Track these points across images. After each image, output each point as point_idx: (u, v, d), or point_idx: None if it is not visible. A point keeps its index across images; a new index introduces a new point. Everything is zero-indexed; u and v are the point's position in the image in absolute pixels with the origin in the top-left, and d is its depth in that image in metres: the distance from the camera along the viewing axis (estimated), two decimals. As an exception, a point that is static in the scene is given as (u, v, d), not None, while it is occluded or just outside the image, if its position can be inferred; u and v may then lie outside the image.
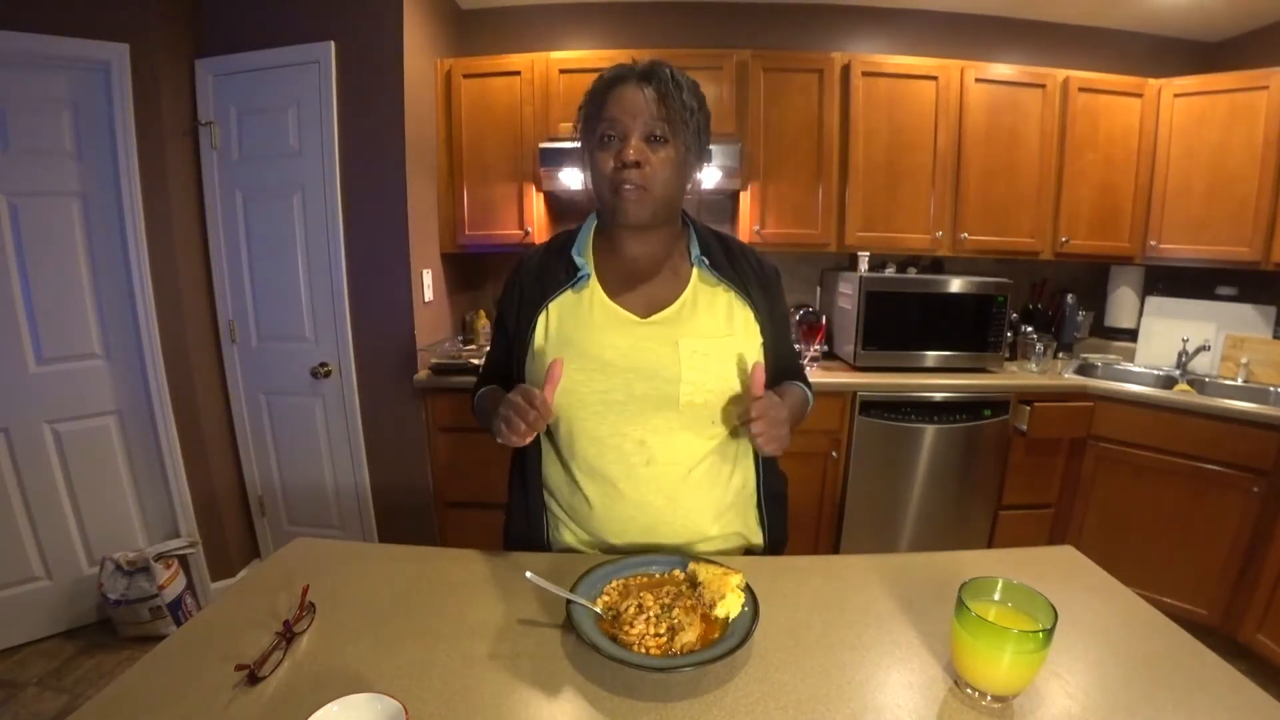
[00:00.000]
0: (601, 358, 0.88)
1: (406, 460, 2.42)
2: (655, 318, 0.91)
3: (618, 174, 0.85)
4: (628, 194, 0.85)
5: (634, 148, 0.84)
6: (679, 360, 0.88)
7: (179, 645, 0.73)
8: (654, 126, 0.84)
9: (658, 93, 0.84)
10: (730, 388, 0.90)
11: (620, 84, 0.85)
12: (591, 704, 0.63)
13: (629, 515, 0.91)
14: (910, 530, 2.41)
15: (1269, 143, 2.18)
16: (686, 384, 0.87)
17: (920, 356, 2.42)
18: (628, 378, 0.87)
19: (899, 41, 2.75)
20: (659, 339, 0.89)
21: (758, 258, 1.01)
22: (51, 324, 2.05)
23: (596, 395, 0.88)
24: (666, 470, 0.90)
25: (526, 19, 2.73)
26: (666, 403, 0.88)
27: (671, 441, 0.90)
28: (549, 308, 0.93)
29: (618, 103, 0.85)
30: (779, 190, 2.49)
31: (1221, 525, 2.04)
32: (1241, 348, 2.36)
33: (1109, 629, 0.76)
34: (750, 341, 0.93)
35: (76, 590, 2.18)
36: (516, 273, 1.00)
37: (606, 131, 0.85)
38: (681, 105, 0.85)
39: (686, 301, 0.93)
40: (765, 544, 1.02)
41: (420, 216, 2.36)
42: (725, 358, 0.90)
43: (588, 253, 0.95)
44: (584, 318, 0.91)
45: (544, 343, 0.92)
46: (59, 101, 1.98)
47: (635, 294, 0.93)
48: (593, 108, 0.87)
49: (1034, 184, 2.49)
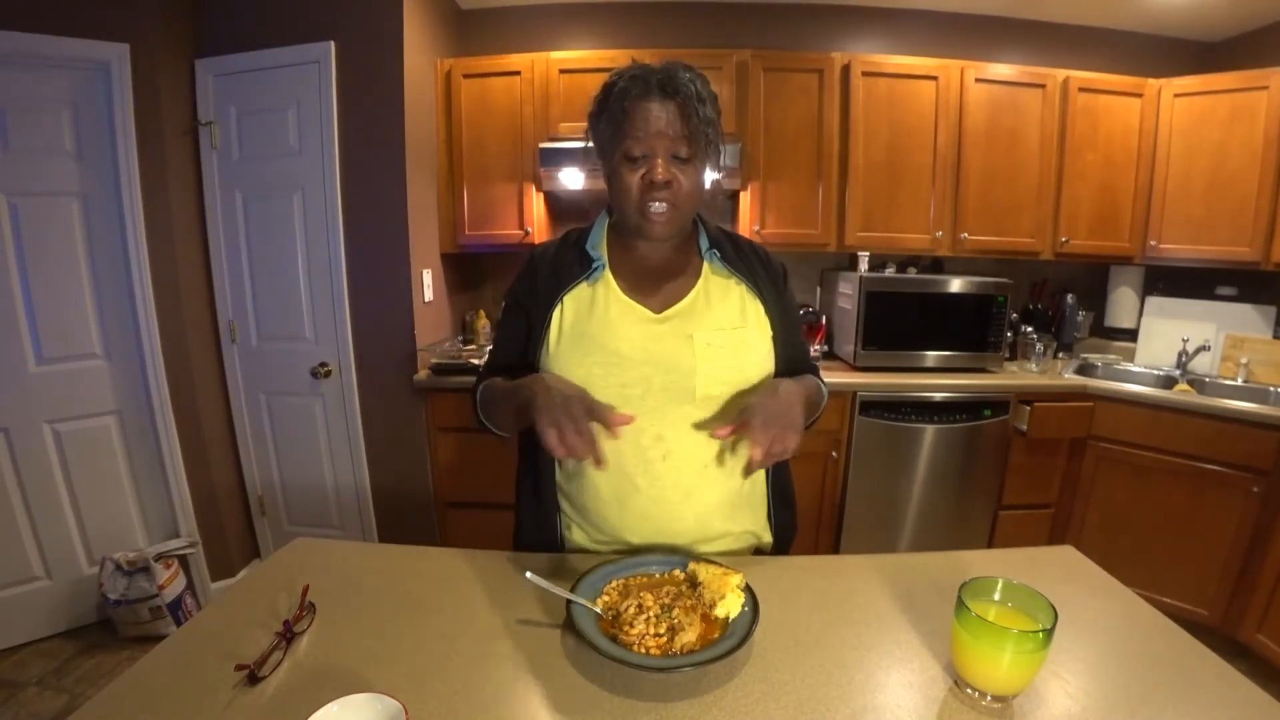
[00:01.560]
0: (619, 351, 0.88)
1: (406, 460, 2.42)
2: (669, 311, 0.91)
3: (646, 195, 0.85)
4: (656, 215, 0.86)
5: (662, 169, 0.83)
6: (694, 353, 0.88)
7: (179, 645, 0.73)
8: (679, 146, 0.83)
9: (681, 111, 0.83)
10: (746, 379, 0.90)
11: (643, 99, 0.83)
12: (591, 704, 0.63)
13: (644, 510, 0.90)
14: (910, 530, 2.41)
15: (1269, 143, 2.18)
16: (703, 376, 0.88)
17: (920, 356, 2.41)
18: (644, 371, 0.87)
19: (899, 41, 2.75)
20: (674, 333, 0.90)
21: (765, 254, 1.02)
22: (51, 324, 2.05)
23: (615, 389, 0.87)
24: (683, 465, 0.90)
25: (526, 19, 2.73)
26: (683, 396, 0.88)
27: (688, 435, 0.89)
28: (564, 300, 0.92)
29: (643, 121, 0.83)
30: (779, 190, 2.49)
31: (1221, 525, 2.04)
32: (1241, 348, 2.36)
33: (1109, 629, 0.76)
34: (762, 334, 0.94)
35: (76, 590, 2.18)
36: (530, 263, 1.00)
37: (632, 151, 0.84)
38: (705, 121, 0.84)
39: (699, 295, 0.93)
40: (773, 542, 1.02)
41: (420, 216, 2.36)
42: (740, 350, 0.90)
43: (602, 246, 0.95)
44: (599, 312, 0.91)
45: (559, 336, 0.91)
46: (59, 101, 1.98)
47: (649, 288, 0.94)
48: (612, 116, 0.85)
49: (1034, 184, 2.49)
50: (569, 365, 0.89)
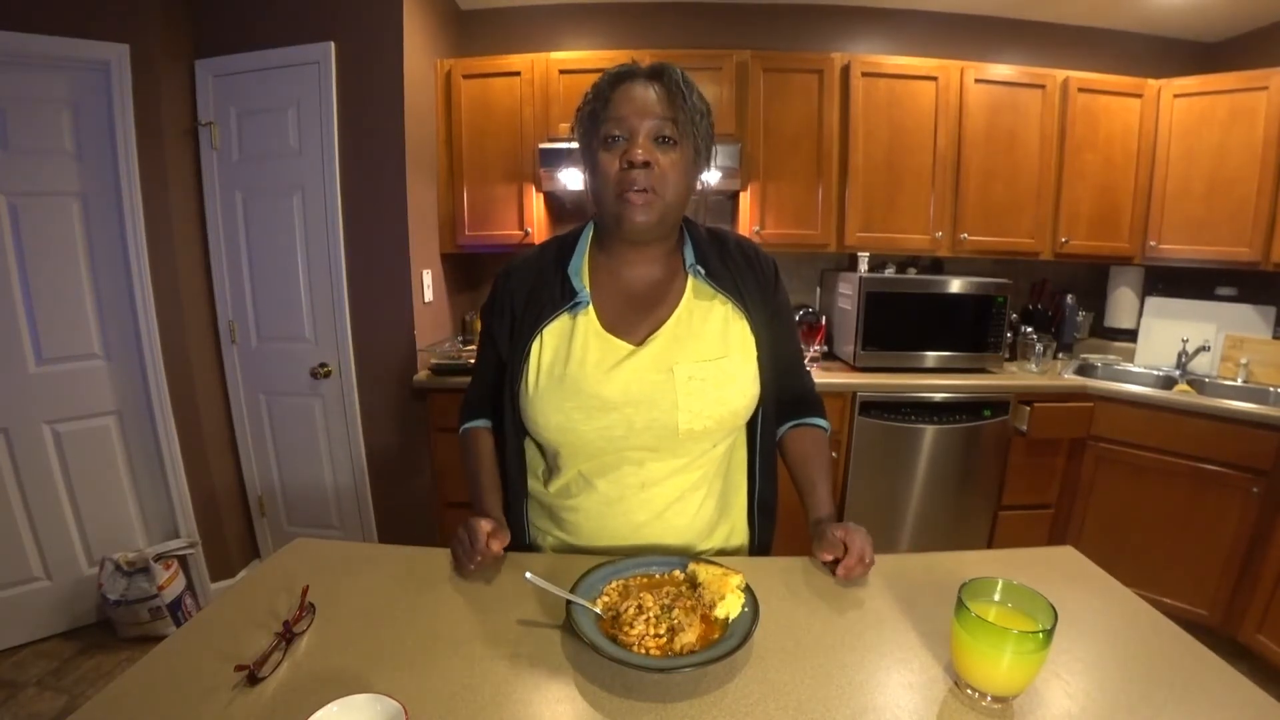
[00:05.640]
0: (599, 395, 0.84)
1: (406, 460, 2.42)
2: (650, 341, 0.87)
3: (625, 175, 0.80)
4: (634, 198, 0.81)
5: (642, 146, 0.79)
6: (675, 389, 0.85)
7: (179, 645, 0.73)
8: (663, 127, 0.80)
9: (667, 91, 0.80)
10: (729, 410, 0.88)
11: (627, 81, 0.81)
12: (591, 704, 0.63)
13: (615, 529, 0.91)
14: (910, 530, 2.41)
15: (1269, 143, 2.18)
16: (684, 412, 0.85)
17: (920, 357, 2.41)
18: (626, 413, 0.85)
19: (899, 42, 2.75)
20: (654, 366, 0.86)
21: (756, 253, 0.98)
22: (51, 324, 2.05)
23: (596, 431, 0.85)
24: (660, 492, 0.89)
25: (526, 19, 2.73)
26: (666, 433, 0.86)
27: (669, 466, 0.89)
28: (543, 334, 0.88)
29: (625, 100, 0.80)
30: (779, 190, 2.49)
31: (1221, 525, 2.04)
32: (1241, 348, 2.36)
33: (1109, 629, 0.76)
34: (746, 359, 0.90)
35: (76, 590, 2.18)
36: (504, 283, 0.94)
37: (612, 131, 0.80)
38: (692, 107, 0.81)
39: (681, 318, 0.89)
40: (750, 554, 1.02)
41: (420, 217, 2.36)
42: (722, 381, 0.87)
43: (584, 272, 0.91)
44: (578, 352, 0.87)
45: (537, 376, 0.88)
46: (59, 101, 1.98)
47: (630, 314, 0.90)
48: (596, 104, 0.82)
49: (1034, 184, 2.49)
50: (548, 409, 0.86)
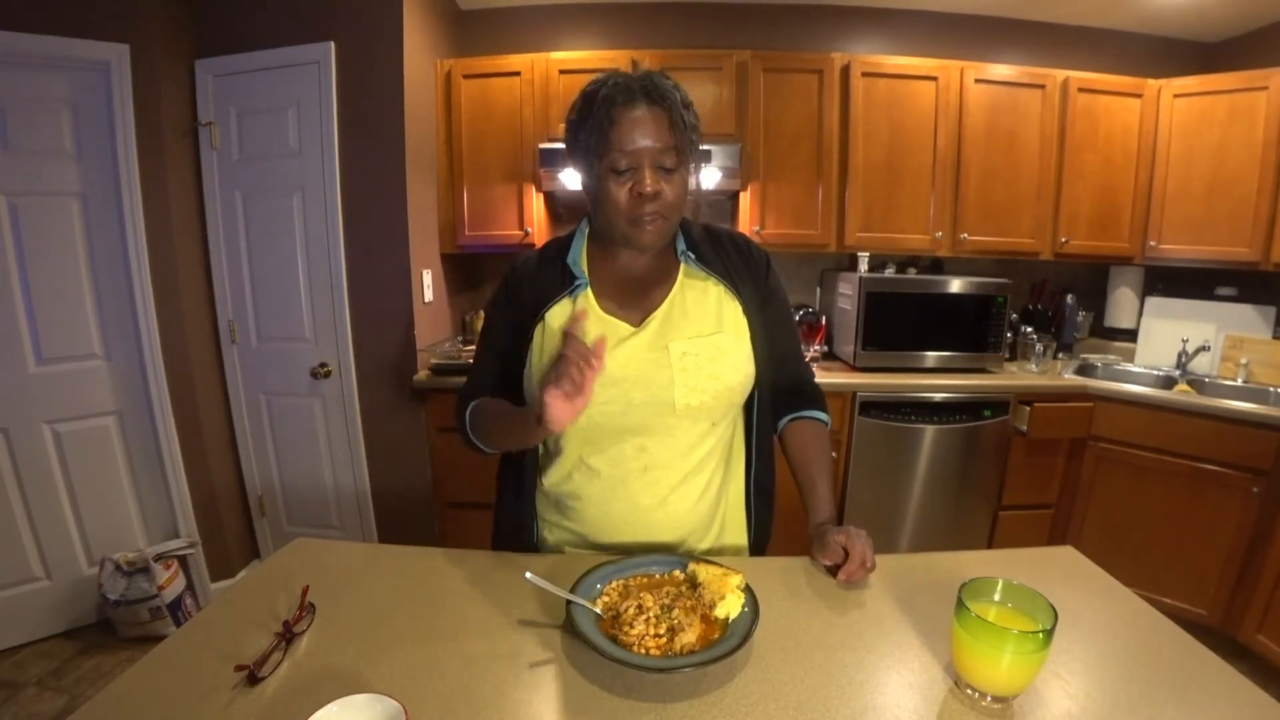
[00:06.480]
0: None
1: (406, 460, 2.42)
2: (646, 322, 0.91)
3: (637, 207, 0.84)
4: (647, 227, 0.85)
5: (651, 180, 0.83)
6: (670, 364, 0.88)
7: (179, 645, 0.73)
8: (666, 157, 0.83)
9: (669, 117, 0.83)
10: (724, 386, 0.90)
11: (629, 105, 0.82)
12: (591, 704, 0.63)
13: (619, 514, 0.91)
14: (910, 530, 2.41)
15: (1269, 143, 2.18)
16: (680, 387, 0.88)
17: (920, 357, 2.41)
18: (624, 388, 0.87)
19: (899, 42, 2.75)
20: (650, 345, 0.89)
21: (746, 244, 1.01)
22: (51, 324, 2.05)
23: (596, 408, 0.87)
24: (663, 475, 0.90)
25: (526, 19, 2.73)
26: (663, 409, 0.88)
27: (670, 445, 0.90)
28: (545, 318, 0.92)
29: (629, 129, 0.82)
30: (779, 191, 2.49)
31: (1221, 525, 2.04)
32: (1241, 348, 2.36)
33: (1109, 629, 0.76)
34: (740, 336, 0.93)
35: (76, 590, 2.18)
36: (509, 279, 0.99)
37: (619, 164, 0.83)
38: (690, 127, 0.85)
39: (675, 300, 0.93)
40: (750, 544, 1.03)
41: (420, 217, 2.36)
42: (716, 356, 0.90)
43: (583, 260, 0.95)
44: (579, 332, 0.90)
45: (540, 359, 0.91)
46: (59, 101, 1.98)
47: (628, 299, 0.94)
48: (597, 124, 0.83)
49: (1034, 184, 2.49)
50: None
